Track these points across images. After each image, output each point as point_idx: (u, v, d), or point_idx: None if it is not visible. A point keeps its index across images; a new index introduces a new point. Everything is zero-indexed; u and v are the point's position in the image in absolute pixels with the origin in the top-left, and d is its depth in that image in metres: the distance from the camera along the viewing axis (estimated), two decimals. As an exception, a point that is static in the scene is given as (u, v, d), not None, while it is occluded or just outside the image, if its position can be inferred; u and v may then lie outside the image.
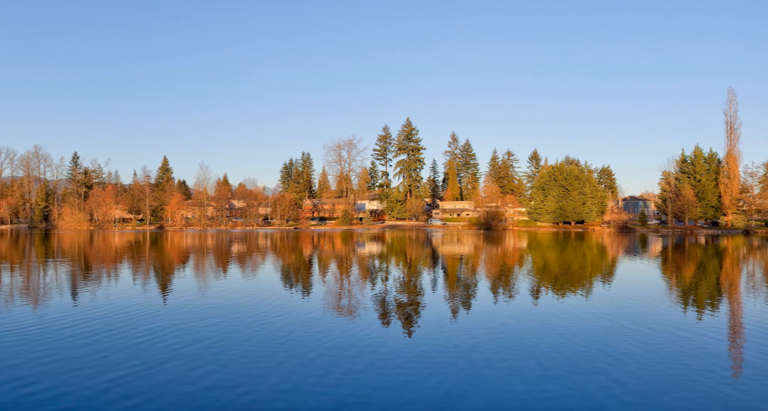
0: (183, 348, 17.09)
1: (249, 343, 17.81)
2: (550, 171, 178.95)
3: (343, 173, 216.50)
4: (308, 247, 76.27)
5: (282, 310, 24.18)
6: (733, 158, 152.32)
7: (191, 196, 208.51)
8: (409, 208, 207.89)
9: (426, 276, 40.13)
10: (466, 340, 18.24)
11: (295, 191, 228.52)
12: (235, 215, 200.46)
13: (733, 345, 18.06)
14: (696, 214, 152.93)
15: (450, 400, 12.52)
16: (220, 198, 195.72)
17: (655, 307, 25.39)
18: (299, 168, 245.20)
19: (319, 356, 16.09)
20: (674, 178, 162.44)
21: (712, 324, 21.51)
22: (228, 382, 13.79)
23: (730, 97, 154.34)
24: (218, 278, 37.48)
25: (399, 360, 15.76)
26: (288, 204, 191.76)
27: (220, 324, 20.98)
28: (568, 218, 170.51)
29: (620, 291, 30.95)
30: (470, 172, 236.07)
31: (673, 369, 14.87)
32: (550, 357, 16.09)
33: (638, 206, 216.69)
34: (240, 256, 57.85)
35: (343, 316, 23.25)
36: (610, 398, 12.61)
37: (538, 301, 27.11)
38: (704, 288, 33.15)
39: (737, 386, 13.44)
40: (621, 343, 17.80)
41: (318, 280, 37.29)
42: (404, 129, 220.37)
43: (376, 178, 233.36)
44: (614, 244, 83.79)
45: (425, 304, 26.50)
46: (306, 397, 12.72)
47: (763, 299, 28.09)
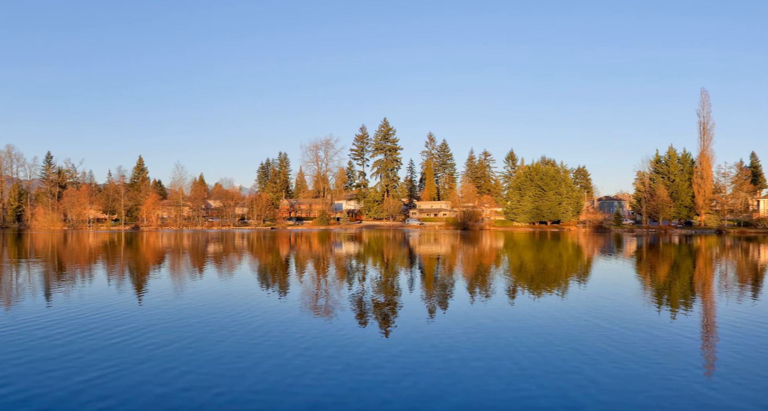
0: (158, 349, 16.94)
1: (225, 343, 17.70)
2: (527, 171, 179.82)
3: (320, 173, 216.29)
4: (285, 248, 76.02)
5: (258, 310, 24.07)
6: (706, 159, 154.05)
7: (167, 196, 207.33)
8: (386, 208, 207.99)
9: (403, 276, 40.16)
10: (443, 340, 18.26)
11: (272, 191, 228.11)
12: (212, 215, 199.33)
13: (706, 344, 18.25)
14: (670, 214, 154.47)
15: (427, 400, 12.53)
16: (196, 198, 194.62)
17: (630, 306, 25.60)
18: (276, 168, 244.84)
19: (295, 356, 16.03)
20: (649, 178, 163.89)
21: (686, 323, 21.73)
22: (203, 382, 13.68)
23: (703, 98, 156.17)
24: (194, 279, 37.23)
25: (376, 360, 15.74)
26: (265, 204, 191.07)
27: (196, 324, 20.83)
28: (544, 218, 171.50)
29: (595, 290, 31.18)
30: (447, 172, 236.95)
31: (648, 368, 14.99)
32: (526, 356, 16.15)
33: (613, 206, 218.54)
34: (216, 257, 57.53)
35: (320, 316, 23.19)
36: (585, 397, 12.68)
37: (514, 301, 27.22)
38: (678, 287, 33.48)
39: (710, 385, 13.57)
40: (596, 343, 17.92)
41: (295, 280, 37.16)
42: (381, 129, 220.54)
43: (353, 178, 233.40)
44: (589, 244, 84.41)
45: (402, 304, 26.51)
46: (282, 397, 12.66)
47: (736, 298, 28.45)
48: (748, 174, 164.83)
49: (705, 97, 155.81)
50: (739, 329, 20.15)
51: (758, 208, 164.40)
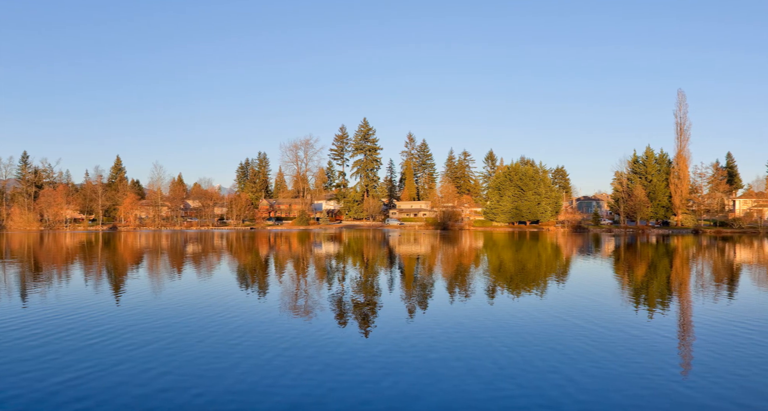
0: (136, 349, 16.82)
1: (204, 344, 17.61)
2: (506, 171, 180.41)
3: (299, 173, 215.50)
4: (264, 248, 75.78)
5: (237, 310, 23.97)
6: (683, 159, 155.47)
7: (145, 196, 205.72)
8: (366, 208, 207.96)
9: (383, 276, 40.17)
10: (423, 340, 18.29)
11: (252, 191, 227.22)
12: (190, 215, 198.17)
13: (682, 343, 18.43)
14: (647, 213, 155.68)
15: (406, 400, 12.54)
16: (175, 198, 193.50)
17: (608, 306, 25.78)
18: (255, 168, 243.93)
19: (275, 357, 15.98)
20: (626, 178, 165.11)
21: (663, 322, 21.93)
22: (182, 383, 13.61)
23: (680, 98, 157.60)
24: (172, 279, 37.01)
25: (356, 360, 15.73)
26: (244, 204, 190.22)
27: (175, 325, 20.70)
28: (523, 218, 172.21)
29: (574, 290, 31.37)
30: (427, 173, 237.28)
31: (625, 367, 15.11)
32: (505, 356, 16.21)
33: (592, 206, 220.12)
34: (195, 257, 57.22)
35: (299, 316, 23.14)
36: (563, 396, 12.75)
37: (493, 301, 27.32)
38: (655, 287, 33.77)
39: (686, 384, 13.70)
40: (575, 342, 18.03)
41: (274, 280, 37.05)
42: (361, 129, 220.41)
43: (333, 178, 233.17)
44: (568, 244, 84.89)
45: (382, 304, 26.52)
46: (261, 397, 12.62)
47: (712, 298, 28.75)
48: (724, 174, 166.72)
49: (682, 97, 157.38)
50: (715, 328, 20.36)
51: (734, 208, 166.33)
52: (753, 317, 22.60)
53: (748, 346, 17.39)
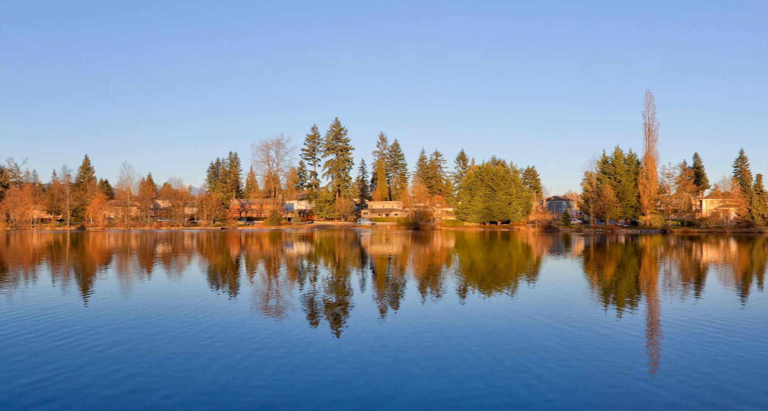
0: (104, 350, 16.64)
1: (173, 345, 17.46)
2: (477, 171, 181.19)
3: (271, 173, 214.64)
4: (235, 248, 75.36)
5: (208, 311, 23.82)
6: (651, 159, 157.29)
7: (114, 196, 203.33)
8: (338, 208, 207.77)
9: (354, 276, 40.15)
10: (394, 340, 18.31)
11: (222, 191, 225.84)
12: (160, 215, 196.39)
13: (650, 342, 18.64)
14: (616, 213, 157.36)
15: (378, 400, 12.54)
16: (145, 198, 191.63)
17: (578, 305, 26.02)
18: (226, 168, 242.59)
19: (245, 357, 15.90)
20: (596, 178, 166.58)
21: (631, 322, 22.19)
22: (151, 384, 13.48)
23: (648, 99, 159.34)
24: (142, 280, 36.65)
25: (327, 360, 15.70)
26: (215, 204, 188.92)
27: (144, 326, 20.51)
28: (494, 218, 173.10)
29: (544, 290, 31.59)
30: (399, 173, 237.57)
31: (594, 366, 15.25)
32: (476, 355, 16.29)
33: (562, 206, 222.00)
34: (165, 257, 56.72)
35: (270, 316, 23.05)
36: (533, 395, 12.84)
37: (465, 300, 27.43)
38: (624, 286, 34.15)
39: (654, 382, 13.86)
40: (545, 341, 18.16)
41: (245, 280, 36.86)
42: (333, 129, 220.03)
43: (304, 178, 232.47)
44: (539, 244, 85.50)
45: (354, 304, 26.50)
46: (232, 398, 12.55)
47: (679, 297, 29.13)
48: (691, 174, 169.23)
49: (650, 98, 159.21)
50: (683, 327, 20.63)
51: (701, 208, 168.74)
52: (719, 316, 22.94)
53: (715, 345, 17.64)
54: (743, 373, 14.56)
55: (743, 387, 13.40)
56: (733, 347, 17.33)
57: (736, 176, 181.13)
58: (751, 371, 14.70)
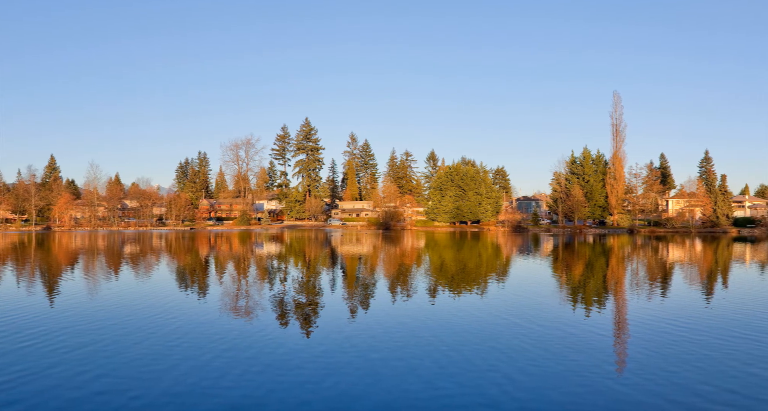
0: (70, 352, 16.42)
1: (141, 346, 17.28)
2: (447, 171, 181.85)
3: (240, 173, 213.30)
4: (204, 248, 74.80)
5: (176, 311, 23.61)
6: (619, 160, 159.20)
7: (81, 196, 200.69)
8: (308, 208, 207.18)
9: (325, 276, 40.08)
10: (364, 340, 18.31)
11: (191, 191, 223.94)
12: (128, 215, 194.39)
13: (617, 341, 18.85)
14: (585, 213, 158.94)
15: (347, 400, 12.53)
16: (112, 198, 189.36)
17: (546, 304, 26.23)
18: (195, 167, 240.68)
19: (214, 358, 15.79)
20: (565, 178, 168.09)
21: (599, 321, 22.42)
22: (118, 386, 13.33)
23: (615, 100, 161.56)
24: (109, 280, 36.21)
25: (297, 361, 15.66)
26: (184, 204, 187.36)
27: (111, 327, 20.27)
28: (464, 218, 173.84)
29: (513, 289, 31.80)
30: (369, 173, 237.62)
31: (562, 365, 15.38)
32: (446, 355, 16.34)
33: (531, 206, 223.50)
34: (132, 258, 56.09)
35: (240, 317, 22.91)
36: (502, 394, 12.92)
37: (435, 300, 27.51)
38: (591, 286, 34.50)
39: (621, 380, 14.02)
40: (513, 341, 18.28)
41: (214, 281, 36.60)
42: (303, 129, 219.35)
43: (274, 178, 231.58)
44: (508, 244, 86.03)
45: (324, 304, 26.46)
46: (200, 399, 12.46)
47: (646, 296, 29.50)
48: (658, 175, 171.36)
49: (617, 99, 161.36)
50: (649, 326, 20.89)
51: (667, 208, 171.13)
52: (685, 315, 23.27)
53: (680, 344, 17.88)
54: (708, 371, 14.78)
55: (708, 385, 13.60)
56: (698, 346, 17.58)
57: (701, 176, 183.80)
58: (716, 369, 14.92)
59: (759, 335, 19.24)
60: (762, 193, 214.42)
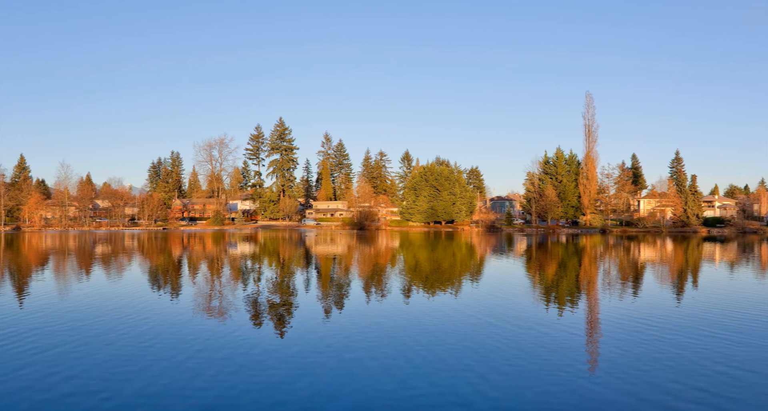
0: (40, 353, 16.20)
1: (112, 347, 17.10)
2: (422, 171, 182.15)
3: (214, 173, 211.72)
4: (177, 248, 74.24)
5: (148, 312, 23.40)
6: (591, 160, 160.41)
7: (51, 196, 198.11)
8: (282, 208, 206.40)
9: (299, 276, 39.96)
10: (339, 340, 18.29)
11: (164, 191, 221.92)
12: (100, 215, 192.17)
13: (590, 340, 19.01)
14: (558, 213, 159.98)
15: (321, 400, 12.50)
16: (83, 198, 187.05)
17: (520, 304, 26.39)
18: (168, 167, 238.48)
19: (187, 359, 15.67)
20: (538, 178, 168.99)
21: (572, 320, 22.60)
22: (89, 387, 13.18)
23: (588, 100, 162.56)
24: (80, 281, 35.81)
25: (271, 361, 15.59)
26: (156, 204, 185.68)
27: (82, 328, 20.05)
28: (438, 218, 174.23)
29: (487, 289, 31.95)
30: (344, 173, 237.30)
31: (535, 364, 15.49)
32: (420, 355, 16.38)
33: (505, 206, 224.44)
34: (104, 258, 55.49)
35: (213, 317, 22.78)
36: (476, 394, 12.97)
37: (409, 300, 27.56)
38: (564, 285, 34.76)
39: (593, 379, 14.15)
40: (488, 340, 18.36)
41: (187, 281, 36.33)
42: (277, 128, 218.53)
43: (248, 178, 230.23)
44: (482, 244, 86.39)
45: (298, 304, 26.39)
46: (173, 400, 12.35)
47: (618, 296, 29.79)
48: (630, 175, 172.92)
49: (589, 100, 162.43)
50: (621, 325, 21.10)
51: (639, 208, 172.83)
52: (656, 314, 23.54)
53: (651, 343, 18.09)
54: (678, 370, 14.96)
55: (678, 383, 13.77)
56: (669, 345, 17.79)
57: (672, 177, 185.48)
58: (686, 368, 15.12)
59: (728, 334, 19.52)
60: (731, 194, 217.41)
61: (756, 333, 19.77)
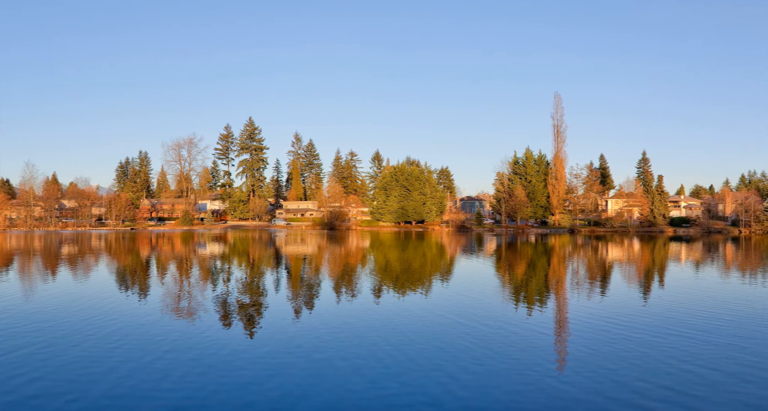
0: (4, 355, 15.94)
1: (78, 348, 16.87)
2: (392, 171, 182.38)
3: (183, 173, 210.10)
4: (145, 249, 73.48)
5: (116, 313, 23.12)
6: (560, 160, 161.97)
7: (16, 196, 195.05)
8: (252, 208, 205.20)
9: (269, 276, 39.78)
10: (309, 340, 18.23)
11: (132, 191, 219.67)
12: (66, 216, 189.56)
13: (558, 339, 19.16)
14: (527, 213, 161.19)
15: (291, 401, 12.45)
16: (49, 198, 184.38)
17: (489, 304, 26.54)
18: (136, 167, 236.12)
19: (155, 360, 15.51)
20: (507, 179, 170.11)
21: (540, 319, 22.79)
22: (54, 389, 12.99)
23: (557, 101, 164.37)
24: (45, 282, 35.28)
25: (240, 362, 15.50)
26: (124, 204, 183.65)
27: (47, 329, 19.75)
28: (409, 218, 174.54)
29: (457, 289, 32.08)
30: (314, 172, 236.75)
31: (504, 363, 15.58)
32: (390, 355, 16.38)
33: (475, 206, 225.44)
34: (70, 258, 54.73)
35: (182, 318, 22.59)
36: (445, 394, 13.00)
37: (379, 300, 27.56)
38: (533, 285, 35.02)
39: (561, 378, 14.26)
40: (458, 340, 18.43)
41: (156, 282, 35.96)
42: (247, 128, 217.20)
43: (218, 178, 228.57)
44: (452, 243, 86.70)
45: (268, 304, 26.27)
46: (140, 402, 12.22)
47: (586, 295, 30.09)
48: (598, 175, 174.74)
49: (558, 100, 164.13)
50: (589, 325, 21.30)
51: (606, 208, 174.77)
52: (623, 313, 23.81)
53: (619, 342, 18.29)
54: (645, 368, 15.14)
55: (645, 382, 13.93)
56: (636, 343, 18.00)
57: (639, 177, 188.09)
58: (652, 366, 15.30)
59: (693, 333, 19.80)
60: (697, 194, 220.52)
61: (720, 331, 20.07)
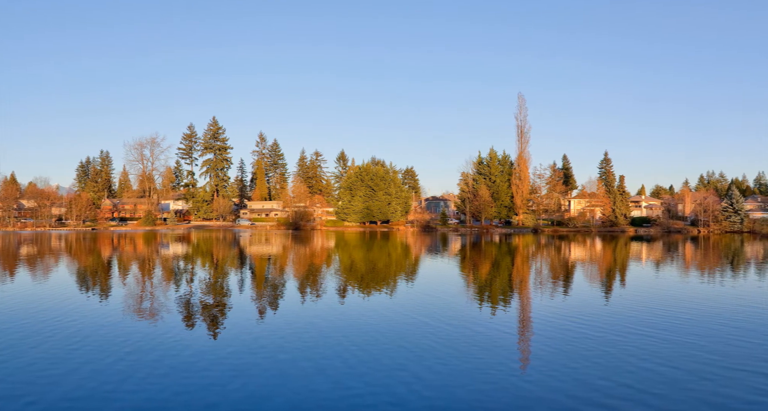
0: (-40, 359, 15.62)
1: (38, 350, 16.60)
2: (357, 171, 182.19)
3: (145, 172, 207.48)
4: (107, 249, 72.48)
5: (76, 314, 22.78)
6: (524, 160, 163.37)
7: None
8: (216, 208, 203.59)
9: (233, 277, 39.52)
10: (273, 341, 18.17)
11: (93, 191, 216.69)
12: (25, 216, 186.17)
13: (522, 338, 19.35)
14: (491, 213, 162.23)
15: (255, 401, 12.40)
16: (7, 198, 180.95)
17: (454, 303, 26.68)
18: (98, 167, 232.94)
19: (116, 361, 15.33)
20: (472, 179, 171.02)
21: (504, 319, 22.96)
22: (13, 391, 12.78)
23: (520, 102, 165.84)
24: (3, 282, 34.61)
25: (203, 363, 15.38)
26: (85, 204, 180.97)
27: (5, 331, 19.41)
28: (374, 218, 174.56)
29: (422, 289, 32.19)
30: (279, 172, 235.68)
31: (469, 363, 15.67)
32: (355, 355, 16.39)
33: (440, 206, 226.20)
34: (29, 259, 53.78)
35: (144, 319, 22.34)
36: (410, 393, 13.05)
37: (344, 300, 27.54)
38: (497, 285, 35.29)
39: (525, 377, 14.40)
40: (422, 340, 18.50)
41: (117, 283, 35.49)
42: (210, 128, 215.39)
43: (181, 178, 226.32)
44: (417, 243, 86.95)
45: (232, 305, 26.10)
46: (101, 404, 12.06)
47: (549, 294, 30.41)
48: (561, 175, 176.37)
49: (522, 101, 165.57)
50: (552, 324, 21.53)
51: (569, 208, 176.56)
52: (585, 312, 24.11)
53: (581, 341, 18.51)
54: (606, 367, 15.35)
55: (606, 380, 14.14)
56: (598, 342, 18.24)
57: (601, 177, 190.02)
58: (613, 365, 15.52)
59: (653, 331, 20.14)
60: (657, 194, 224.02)
61: (680, 330, 20.43)
